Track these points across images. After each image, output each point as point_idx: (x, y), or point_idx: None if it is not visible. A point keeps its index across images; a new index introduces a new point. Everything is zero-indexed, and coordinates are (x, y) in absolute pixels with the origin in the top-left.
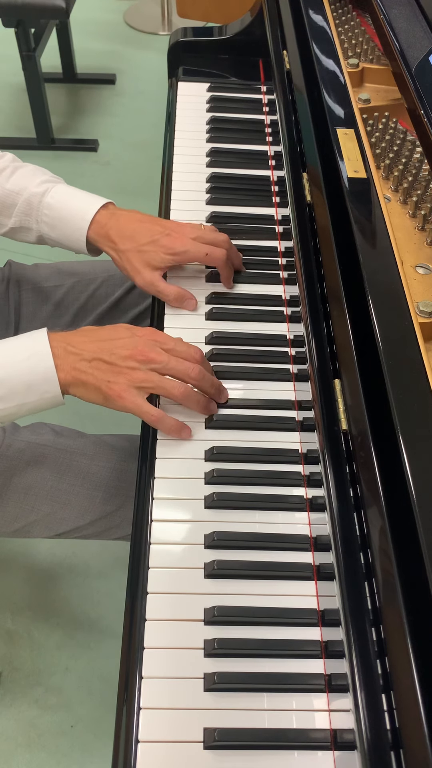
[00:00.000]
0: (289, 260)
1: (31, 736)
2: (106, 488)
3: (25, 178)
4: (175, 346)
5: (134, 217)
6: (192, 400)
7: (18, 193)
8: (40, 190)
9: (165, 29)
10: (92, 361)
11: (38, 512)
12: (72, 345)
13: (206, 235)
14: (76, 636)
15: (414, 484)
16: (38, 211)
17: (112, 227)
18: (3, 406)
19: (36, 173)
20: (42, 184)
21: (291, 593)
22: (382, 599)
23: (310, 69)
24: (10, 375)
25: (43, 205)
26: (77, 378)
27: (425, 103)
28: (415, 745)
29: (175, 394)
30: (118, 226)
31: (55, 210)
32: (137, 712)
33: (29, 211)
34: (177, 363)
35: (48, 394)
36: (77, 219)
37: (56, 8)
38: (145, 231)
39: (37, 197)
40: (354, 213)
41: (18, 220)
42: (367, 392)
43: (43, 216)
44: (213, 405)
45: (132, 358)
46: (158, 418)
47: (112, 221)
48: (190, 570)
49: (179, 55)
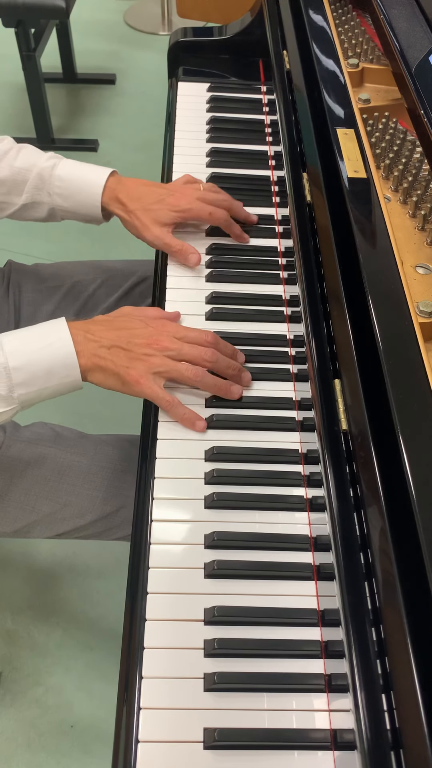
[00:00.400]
0: (289, 260)
1: (31, 736)
2: (107, 489)
3: (32, 155)
4: (187, 333)
5: (139, 182)
6: (208, 383)
7: (28, 169)
8: (50, 164)
9: (165, 29)
10: (111, 348)
11: (38, 512)
12: (91, 333)
13: (207, 195)
14: (76, 636)
15: (414, 483)
16: (50, 183)
17: (121, 191)
18: (25, 390)
19: (39, 151)
20: (50, 159)
21: (291, 593)
22: (382, 599)
23: (310, 69)
24: (33, 360)
25: (54, 177)
26: (97, 364)
27: (425, 103)
28: (415, 745)
29: (188, 376)
30: (127, 190)
31: (67, 180)
32: (137, 712)
33: (41, 185)
34: (190, 348)
35: (69, 378)
36: (90, 186)
37: (56, 8)
38: (151, 193)
39: (48, 170)
40: (354, 213)
41: (30, 195)
42: (367, 392)
43: (55, 188)
44: (236, 388)
45: (148, 346)
46: (172, 403)
47: (120, 186)
48: (190, 570)
49: (179, 55)
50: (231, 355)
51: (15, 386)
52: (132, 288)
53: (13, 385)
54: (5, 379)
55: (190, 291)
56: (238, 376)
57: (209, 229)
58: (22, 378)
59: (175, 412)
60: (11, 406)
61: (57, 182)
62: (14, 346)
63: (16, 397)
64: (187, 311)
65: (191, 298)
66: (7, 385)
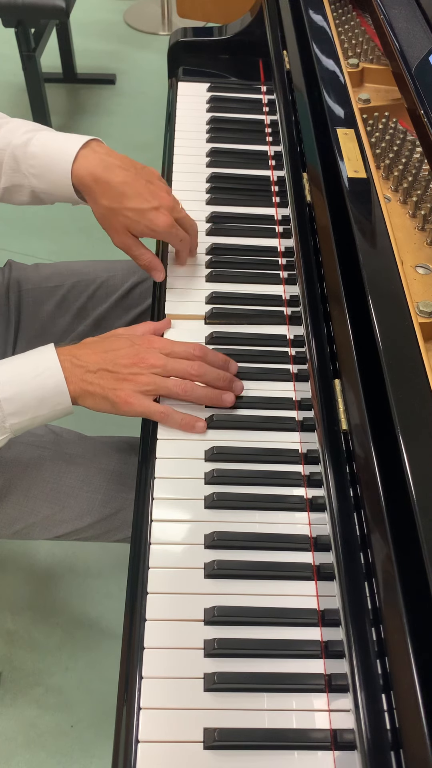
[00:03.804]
0: (289, 260)
1: (31, 736)
2: (106, 491)
3: (9, 133)
4: (173, 348)
5: (126, 172)
6: (196, 395)
7: (3, 149)
8: (23, 140)
9: (165, 29)
10: (97, 372)
11: (38, 514)
12: (77, 358)
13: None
14: (76, 636)
15: (414, 483)
16: (24, 162)
17: (99, 177)
18: (17, 420)
19: (20, 125)
20: (24, 134)
21: (291, 593)
22: (382, 599)
23: (310, 69)
24: (23, 391)
25: (27, 155)
26: (85, 389)
27: (425, 103)
28: (415, 745)
29: (177, 391)
30: (107, 179)
31: (38, 158)
32: (137, 712)
33: (16, 166)
34: (176, 363)
35: (60, 406)
36: (61, 161)
37: (56, 8)
38: (135, 195)
39: (21, 149)
40: (354, 213)
41: (8, 178)
42: (367, 392)
43: (29, 168)
44: (228, 396)
45: (134, 365)
46: (166, 414)
47: (99, 170)
48: (190, 570)
49: (179, 55)
50: (222, 365)
51: (7, 416)
52: (132, 288)
53: (5, 415)
54: None
55: (190, 291)
56: (229, 387)
57: (209, 230)
58: (13, 408)
59: (173, 420)
60: (2, 435)
61: (30, 160)
62: (4, 378)
63: (8, 427)
64: (187, 311)
65: (191, 298)
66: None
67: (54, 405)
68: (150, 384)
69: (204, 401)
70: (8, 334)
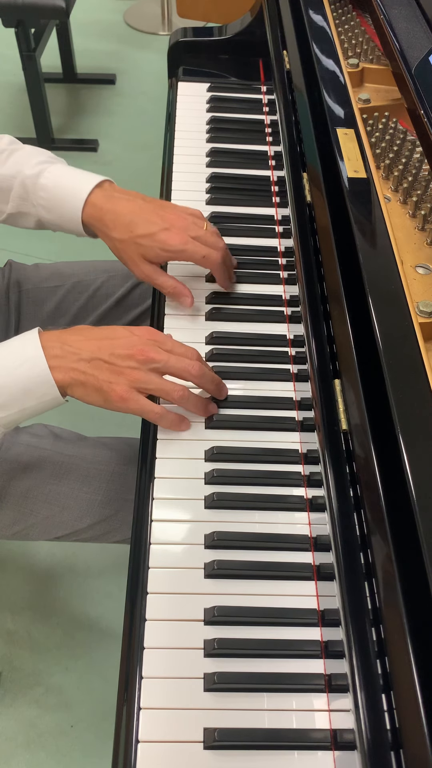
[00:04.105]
0: (289, 260)
1: (31, 736)
2: (105, 492)
3: (21, 160)
4: (173, 345)
5: (134, 202)
6: (191, 403)
7: (13, 176)
8: (35, 172)
9: (165, 29)
10: (91, 361)
11: (37, 515)
12: (68, 344)
13: (207, 237)
14: (76, 636)
15: (414, 483)
16: (34, 194)
17: (108, 211)
18: (4, 414)
19: (33, 154)
20: (37, 165)
21: (291, 593)
22: (382, 599)
23: (310, 69)
24: (6, 383)
25: (38, 187)
26: (76, 378)
27: (425, 103)
28: (415, 745)
29: (174, 397)
30: (115, 212)
31: (49, 191)
32: (137, 712)
33: (25, 195)
34: (177, 361)
35: (47, 396)
36: (72, 199)
37: (56, 8)
38: (143, 222)
39: (32, 179)
40: (354, 213)
41: (15, 205)
42: (367, 392)
43: (39, 199)
44: (213, 406)
45: (132, 357)
46: (161, 414)
47: (108, 205)
48: (190, 570)
49: (179, 55)
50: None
51: None
52: (132, 288)
53: None
54: None
55: (190, 291)
56: (218, 391)
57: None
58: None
59: (165, 422)
60: None
61: (41, 192)
62: None
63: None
64: (188, 312)
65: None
66: None
67: (40, 396)
68: (148, 383)
69: (193, 409)
70: (8, 335)
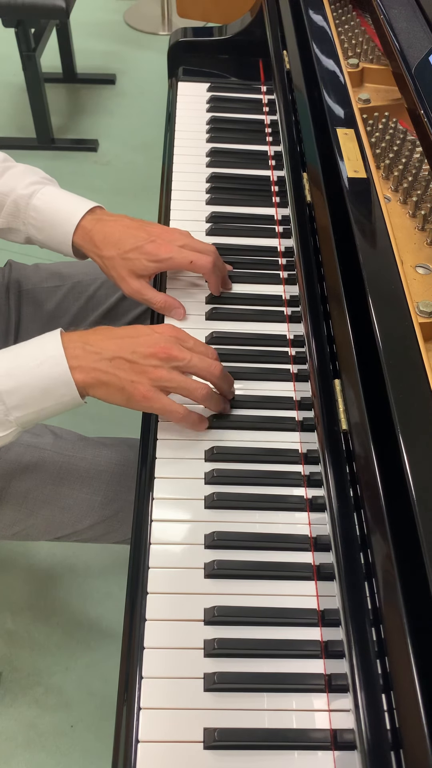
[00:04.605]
0: (289, 260)
1: (31, 736)
2: (105, 492)
3: (15, 178)
4: (195, 343)
5: (121, 222)
6: (213, 401)
7: (6, 194)
8: (28, 192)
9: (165, 29)
10: (113, 360)
11: (37, 516)
12: (90, 344)
13: (194, 243)
14: (76, 636)
15: (414, 483)
16: (25, 213)
17: (97, 232)
18: (22, 413)
19: (26, 174)
20: (30, 186)
21: (291, 593)
22: (382, 599)
23: (310, 69)
24: (25, 383)
25: (30, 207)
26: (98, 378)
27: (425, 103)
28: (415, 745)
29: (197, 395)
30: (104, 232)
31: (42, 212)
32: (137, 712)
33: (17, 213)
34: (200, 360)
35: (66, 397)
36: (63, 222)
37: (56, 8)
38: (129, 237)
39: (24, 199)
40: (354, 213)
41: (6, 221)
42: (367, 392)
43: (30, 218)
44: (227, 405)
45: (154, 356)
46: (184, 415)
47: (98, 226)
48: (190, 570)
49: (179, 55)
50: None
51: (10, 410)
52: None
53: (8, 408)
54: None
55: (190, 291)
56: (229, 392)
57: (209, 230)
58: (16, 401)
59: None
60: (9, 430)
61: (32, 212)
62: (4, 369)
63: (13, 420)
64: (188, 312)
65: (192, 298)
66: (1, 409)
67: (59, 396)
68: (171, 381)
69: (214, 408)
70: (8, 335)
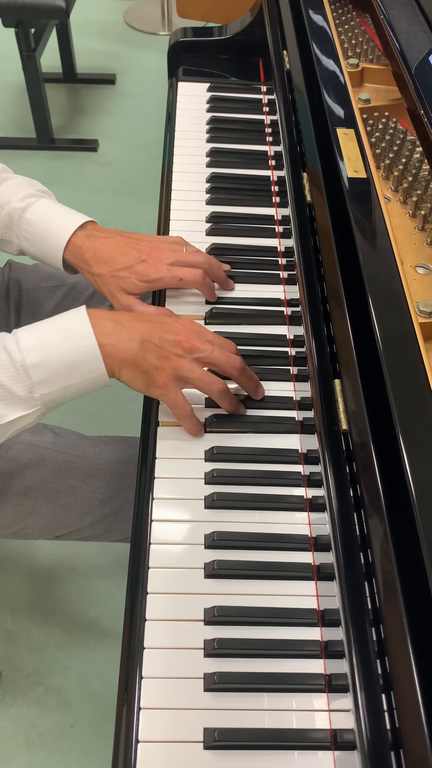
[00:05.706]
0: (289, 260)
1: (31, 736)
2: (106, 491)
3: (10, 191)
4: (214, 337)
5: (112, 239)
6: (227, 399)
7: (1, 206)
8: (22, 205)
9: (165, 29)
10: (143, 342)
11: (37, 514)
12: (121, 323)
13: (185, 257)
14: (76, 636)
15: (414, 483)
16: (18, 226)
17: (88, 249)
18: (47, 390)
19: (22, 186)
20: (24, 199)
21: (291, 593)
22: (382, 599)
23: (310, 69)
24: (53, 357)
25: (23, 220)
26: (128, 359)
27: (425, 103)
28: (415, 745)
29: (214, 389)
30: (94, 249)
31: (34, 226)
32: (137, 712)
33: (10, 225)
34: (221, 353)
35: (93, 373)
36: (54, 238)
37: (56, 8)
38: (120, 256)
39: (18, 212)
40: (354, 213)
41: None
42: (367, 392)
43: (23, 231)
44: (242, 406)
45: (179, 344)
46: (189, 414)
47: (87, 243)
48: (190, 570)
49: (179, 55)
50: None
51: (35, 385)
52: None
53: (34, 384)
54: (24, 378)
55: (190, 291)
56: (255, 389)
57: (209, 230)
58: (42, 376)
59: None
60: (34, 408)
61: (25, 225)
62: (31, 342)
63: (38, 398)
64: (188, 312)
65: (191, 298)
66: (27, 385)
67: (87, 372)
68: (191, 372)
69: (228, 407)
70: None
